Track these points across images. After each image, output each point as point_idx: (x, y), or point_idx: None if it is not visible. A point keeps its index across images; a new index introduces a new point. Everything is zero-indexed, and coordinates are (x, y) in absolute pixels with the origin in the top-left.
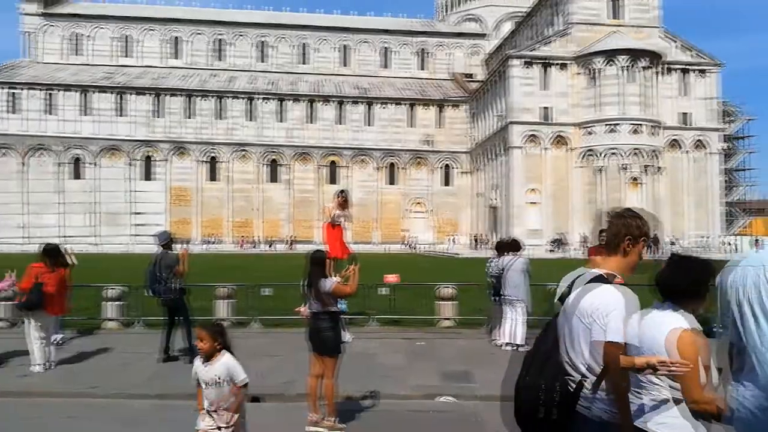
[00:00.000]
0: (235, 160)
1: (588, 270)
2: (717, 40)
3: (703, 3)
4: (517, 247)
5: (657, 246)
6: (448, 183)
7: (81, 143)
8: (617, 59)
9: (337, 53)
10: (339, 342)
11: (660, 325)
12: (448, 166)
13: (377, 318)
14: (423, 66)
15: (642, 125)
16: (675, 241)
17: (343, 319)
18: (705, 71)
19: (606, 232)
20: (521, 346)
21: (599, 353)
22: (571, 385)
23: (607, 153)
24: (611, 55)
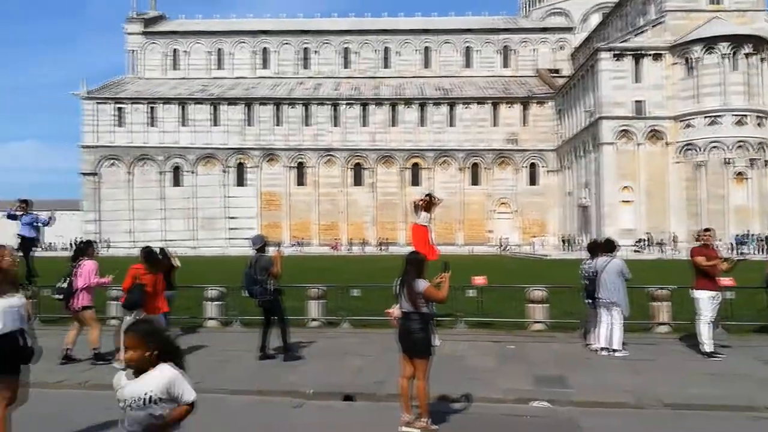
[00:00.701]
0: (321, 164)
1: None
2: None
3: None
4: (612, 248)
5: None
6: (534, 182)
7: (180, 152)
8: (718, 47)
9: (419, 55)
10: (429, 344)
11: None
12: (533, 164)
13: (465, 320)
14: (506, 63)
15: (747, 116)
16: None
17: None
18: None
19: None
20: (618, 350)
21: None
22: None
23: (708, 147)
24: (711, 43)
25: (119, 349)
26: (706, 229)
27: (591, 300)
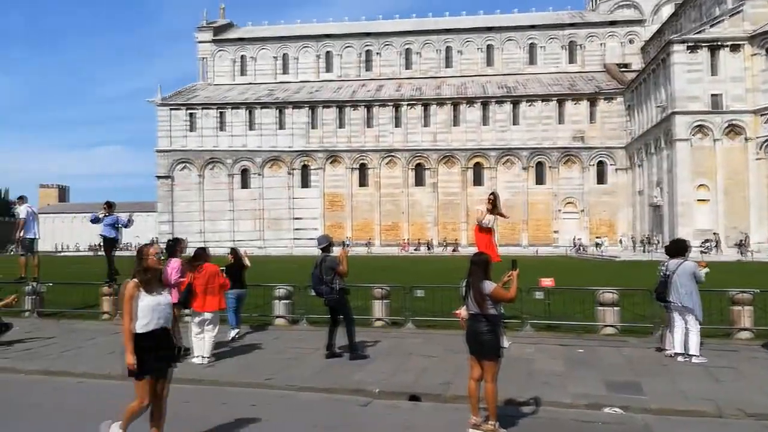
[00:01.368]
0: (383, 165)
1: None
2: None
3: None
4: (683, 250)
5: None
6: (602, 181)
7: (248, 155)
8: None
9: (482, 54)
10: (498, 345)
11: None
12: (602, 162)
13: (532, 323)
14: (572, 59)
15: None
16: None
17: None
18: None
19: None
20: (695, 356)
21: None
22: None
23: None
24: None
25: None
26: None
27: (664, 303)
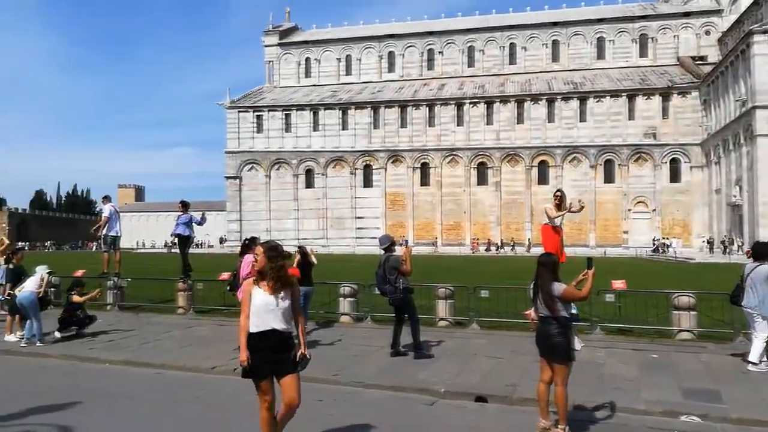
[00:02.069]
0: (445, 164)
1: None
2: None
3: None
4: (765, 252)
5: None
6: (676, 179)
7: (312, 156)
8: None
9: (547, 50)
10: (569, 348)
11: None
12: (675, 160)
13: (602, 326)
14: (643, 53)
15: None
16: None
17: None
18: None
19: None
20: (753, 363)
21: None
22: None
23: None
24: None
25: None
26: None
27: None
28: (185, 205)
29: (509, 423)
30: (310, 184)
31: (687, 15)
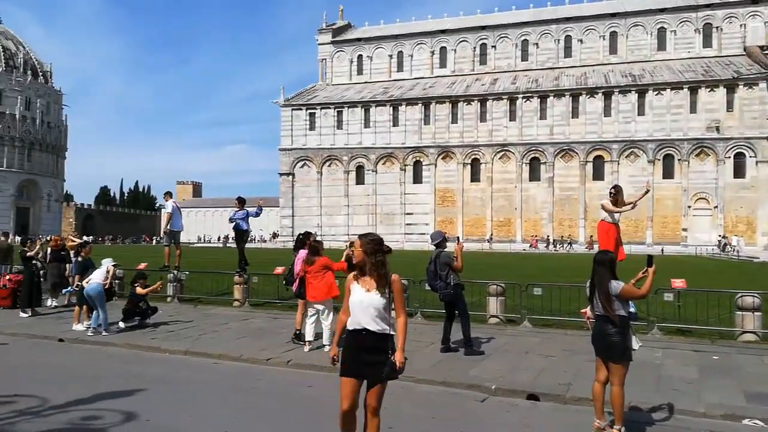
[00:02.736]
0: (496, 160)
1: None
2: None
3: None
4: None
5: None
6: (740, 175)
7: (363, 152)
8: None
9: (604, 42)
10: (626, 347)
11: None
12: (740, 154)
13: (660, 326)
14: (708, 43)
15: None
16: None
17: (632, 325)
18: None
19: None
20: None
21: None
22: None
23: None
24: None
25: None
26: None
27: None
28: (242, 201)
29: (562, 422)
30: (360, 180)
31: (755, 2)
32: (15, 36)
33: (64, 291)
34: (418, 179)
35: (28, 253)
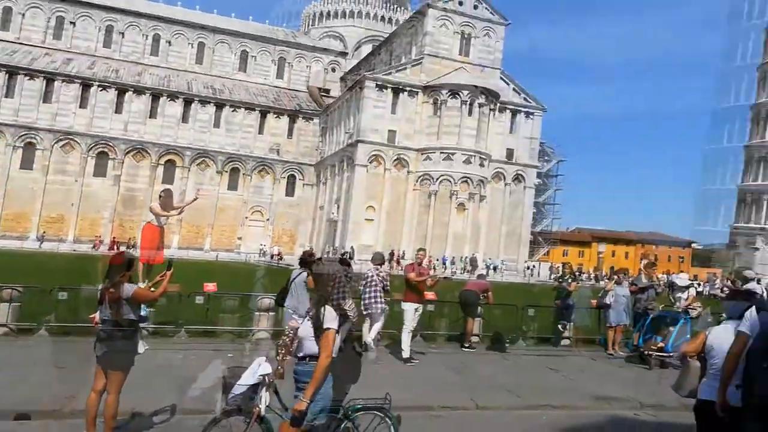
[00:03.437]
0: (58, 148)
1: None
2: (542, 87)
3: (534, 52)
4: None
5: (474, 266)
6: (290, 193)
7: None
8: (461, 93)
9: (192, 50)
10: (129, 353)
11: None
12: (293, 176)
13: (188, 328)
14: (280, 74)
15: (473, 156)
16: (489, 264)
17: (142, 327)
18: (532, 114)
19: None
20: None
21: None
22: None
23: (441, 179)
24: (455, 89)
25: None
26: (420, 249)
27: None
28: None
29: None
30: None
31: (320, 50)
32: None
33: None
34: None
35: None
